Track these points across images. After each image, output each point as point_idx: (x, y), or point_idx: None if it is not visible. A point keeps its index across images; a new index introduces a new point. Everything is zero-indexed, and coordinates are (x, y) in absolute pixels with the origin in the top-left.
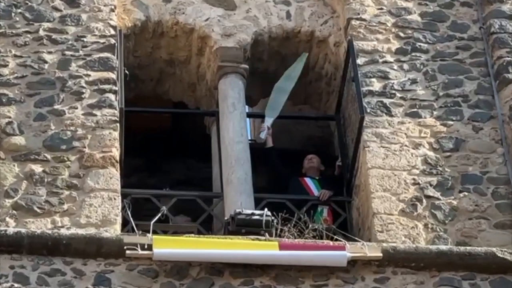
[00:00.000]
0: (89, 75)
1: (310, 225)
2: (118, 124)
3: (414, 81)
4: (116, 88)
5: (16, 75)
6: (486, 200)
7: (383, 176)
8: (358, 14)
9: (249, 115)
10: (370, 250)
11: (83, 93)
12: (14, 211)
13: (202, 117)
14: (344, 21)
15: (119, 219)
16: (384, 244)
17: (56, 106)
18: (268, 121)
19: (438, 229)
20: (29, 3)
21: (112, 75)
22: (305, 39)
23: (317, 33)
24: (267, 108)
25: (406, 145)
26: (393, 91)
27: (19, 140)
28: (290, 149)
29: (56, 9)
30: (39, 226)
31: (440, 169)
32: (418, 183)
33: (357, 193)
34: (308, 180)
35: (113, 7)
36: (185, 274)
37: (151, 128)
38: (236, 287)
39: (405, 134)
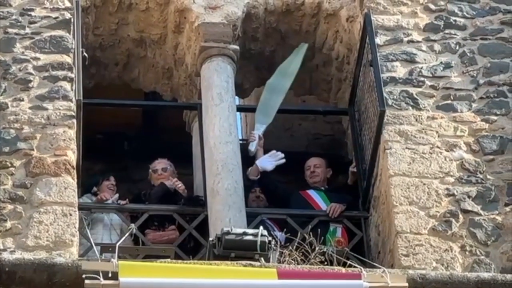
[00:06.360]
0: (38, 59)
1: (317, 248)
2: (74, 121)
3: (447, 66)
4: (72, 75)
5: None
6: None
7: (409, 185)
8: None
9: (239, 109)
10: (392, 279)
11: (30, 81)
12: None
13: (180, 111)
14: None
15: (76, 240)
16: (411, 271)
17: None
18: (260, 129)
19: (478, 252)
20: None
21: (67, 59)
22: (310, 12)
23: (326, 4)
24: (258, 112)
25: (437, 147)
26: (422, 78)
27: None
28: (291, 152)
29: None
30: None
31: (481, 176)
32: (453, 194)
33: (376, 206)
34: (312, 193)
35: None
36: None
37: (117, 125)
38: None
39: (437, 132)
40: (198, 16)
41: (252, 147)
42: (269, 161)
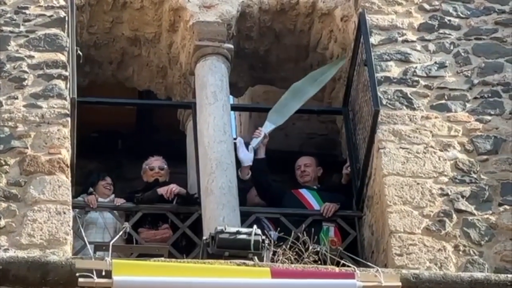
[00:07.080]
0: (33, 57)
1: (311, 247)
2: (69, 119)
3: (442, 66)
4: (67, 73)
5: None
6: None
7: (403, 185)
8: None
9: (234, 108)
10: (386, 278)
11: (24, 79)
12: None
13: (175, 110)
14: None
15: (69, 239)
16: (404, 271)
17: None
18: (269, 128)
19: (472, 252)
20: None
21: (62, 57)
22: (305, 11)
23: (320, 4)
24: (273, 110)
25: (431, 146)
26: (416, 78)
27: None
28: (285, 151)
29: None
30: None
31: (475, 176)
32: (447, 194)
33: (369, 206)
34: (304, 192)
35: None
36: None
37: (111, 123)
38: None
39: (431, 132)
40: (193, 15)
41: (254, 143)
42: (247, 152)
